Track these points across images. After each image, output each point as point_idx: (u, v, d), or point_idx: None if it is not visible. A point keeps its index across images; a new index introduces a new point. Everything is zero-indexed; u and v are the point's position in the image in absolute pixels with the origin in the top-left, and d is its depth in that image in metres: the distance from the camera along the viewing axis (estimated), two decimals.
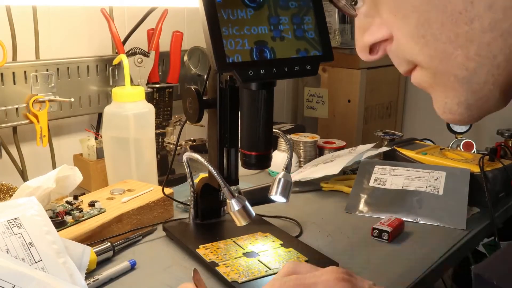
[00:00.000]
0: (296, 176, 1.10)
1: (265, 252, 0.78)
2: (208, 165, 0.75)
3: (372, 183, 1.03)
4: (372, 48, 0.47)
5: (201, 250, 0.78)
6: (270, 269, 0.73)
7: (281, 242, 0.81)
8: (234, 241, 0.81)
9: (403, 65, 0.46)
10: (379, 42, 0.46)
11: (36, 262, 0.64)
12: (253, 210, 0.75)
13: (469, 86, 0.41)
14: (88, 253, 0.72)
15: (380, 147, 1.22)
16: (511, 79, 0.40)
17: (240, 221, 0.74)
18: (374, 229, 0.88)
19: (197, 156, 0.77)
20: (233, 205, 0.73)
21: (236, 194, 0.74)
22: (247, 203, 0.74)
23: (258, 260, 0.76)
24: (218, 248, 0.79)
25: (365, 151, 1.14)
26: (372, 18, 0.45)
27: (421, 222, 0.94)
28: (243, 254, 0.77)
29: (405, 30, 0.42)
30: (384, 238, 0.87)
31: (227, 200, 0.74)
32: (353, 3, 0.45)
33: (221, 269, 0.73)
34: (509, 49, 0.39)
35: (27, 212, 0.69)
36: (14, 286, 0.59)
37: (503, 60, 0.39)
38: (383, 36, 0.45)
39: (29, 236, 0.67)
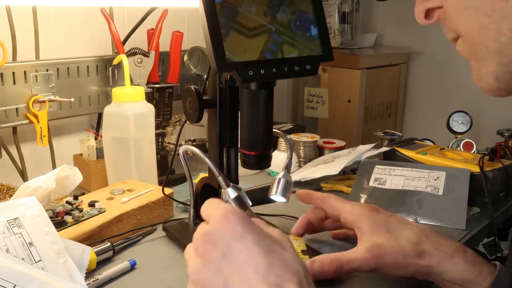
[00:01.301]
0: (295, 176, 1.10)
1: None
2: (203, 156, 0.74)
3: (372, 183, 1.03)
4: (427, 13, 0.51)
5: None
6: None
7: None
8: None
9: (449, 33, 0.50)
10: (433, 8, 0.50)
11: (36, 262, 0.64)
12: (249, 200, 0.75)
13: (498, 59, 0.45)
14: (88, 253, 0.72)
15: (380, 147, 1.22)
16: None
17: None
18: None
19: (192, 148, 0.77)
20: (229, 194, 0.74)
21: (231, 184, 0.74)
22: (243, 192, 0.74)
23: None
24: None
25: (365, 151, 1.14)
26: None
27: (420, 222, 0.94)
28: None
29: (452, 1, 0.47)
30: None
31: (223, 190, 0.74)
32: None
33: None
34: None
35: (27, 212, 0.69)
36: (15, 285, 0.59)
37: None
38: (437, 4, 0.49)
39: (29, 236, 0.67)
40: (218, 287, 0.47)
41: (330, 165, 1.10)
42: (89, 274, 0.72)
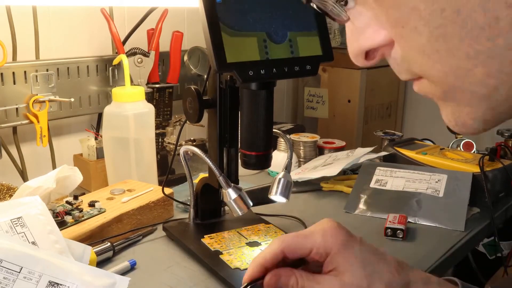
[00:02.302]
0: (293, 176, 1.10)
1: (268, 242, 0.80)
2: (204, 156, 0.75)
3: (372, 184, 1.03)
4: (368, 53, 0.42)
5: (206, 240, 0.81)
6: None
7: (283, 233, 0.82)
8: (237, 231, 0.83)
9: (405, 74, 0.42)
10: (377, 47, 0.41)
11: None
12: (250, 200, 0.76)
13: (488, 104, 0.39)
14: (88, 253, 0.72)
15: (379, 149, 1.21)
16: None
17: (237, 211, 0.75)
18: (387, 228, 0.88)
19: (193, 148, 0.77)
20: (230, 194, 0.74)
21: (232, 184, 0.74)
22: (243, 192, 0.74)
23: (260, 250, 0.77)
24: (222, 238, 0.81)
25: (363, 154, 1.14)
26: (366, 18, 0.40)
27: (420, 223, 0.94)
28: (246, 243, 0.80)
29: (415, 44, 0.38)
30: (399, 236, 0.87)
31: (224, 190, 0.74)
32: (343, 2, 0.40)
33: (224, 257, 0.75)
34: None
35: (31, 211, 0.69)
36: (22, 267, 0.60)
37: None
38: (383, 41, 0.40)
39: (32, 235, 0.67)
40: None
41: (329, 167, 1.10)
42: None
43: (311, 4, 0.41)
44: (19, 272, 0.60)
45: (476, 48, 0.36)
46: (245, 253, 0.77)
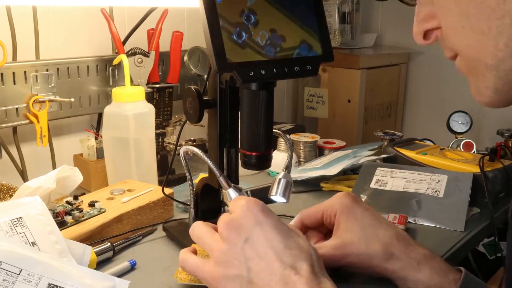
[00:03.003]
0: (292, 173, 1.09)
1: None
2: (204, 156, 0.75)
3: (373, 185, 1.03)
4: (426, 34, 0.53)
5: (198, 246, 0.79)
6: None
7: None
8: None
9: (447, 52, 0.52)
10: (431, 29, 0.52)
11: None
12: None
13: (496, 73, 0.47)
14: (88, 253, 0.72)
15: (380, 154, 1.20)
16: None
17: None
18: None
19: (193, 149, 0.77)
20: (230, 194, 0.73)
21: (232, 184, 0.74)
22: (244, 192, 0.74)
23: None
24: None
25: (363, 156, 1.14)
26: (428, 7, 0.51)
27: (419, 223, 0.94)
28: None
29: (449, 21, 0.49)
30: None
31: (224, 190, 0.74)
32: None
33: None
34: None
35: (31, 212, 0.69)
36: (22, 270, 0.60)
37: None
38: (435, 24, 0.51)
39: (32, 235, 0.67)
40: (241, 266, 0.56)
41: (328, 166, 1.10)
42: None
43: None
44: (19, 274, 0.60)
45: (489, 25, 0.45)
46: None
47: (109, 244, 0.79)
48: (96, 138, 1.16)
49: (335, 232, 0.71)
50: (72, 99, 1.16)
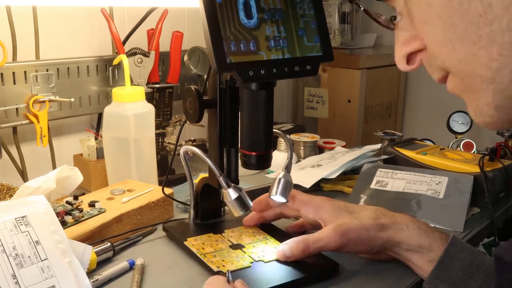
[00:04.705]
0: (293, 172, 1.09)
1: (252, 244, 0.79)
2: (204, 156, 0.74)
3: (373, 185, 1.03)
4: (409, 59, 0.50)
5: (189, 242, 0.80)
6: (254, 260, 0.74)
7: (276, 241, 0.80)
8: (221, 235, 0.83)
9: (436, 72, 0.48)
10: (415, 52, 0.49)
11: (42, 261, 0.65)
12: (250, 201, 0.76)
13: (495, 86, 0.43)
14: (89, 252, 0.72)
15: (380, 154, 1.20)
16: None
17: (237, 211, 0.75)
18: None
19: (193, 149, 0.77)
20: (230, 195, 0.73)
21: (232, 184, 0.74)
22: (243, 192, 0.74)
23: (243, 251, 0.77)
24: (206, 240, 0.81)
25: (364, 157, 1.13)
26: (408, 31, 0.48)
27: None
28: (230, 246, 0.79)
29: (434, 37, 0.45)
30: None
31: (224, 190, 0.74)
32: (393, 18, 0.49)
33: (207, 259, 0.75)
34: None
35: (36, 211, 0.69)
36: None
37: None
38: (418, 46, 0.48)
39: (36, 234, 0.67)
40: None
41: (329, 166, 1.10)
42: (89, 274, 0.72)
43: (364, 11, 0.53)
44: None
45: (478, 34, 0.41)
46: (230, 256, 0.76)
47: (109, 244, 0.79)
48: (96, 138, 1.16)
49: (325, 224, 0.76)
50: (72, 99, 1.16)
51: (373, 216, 0.75)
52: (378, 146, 1.20)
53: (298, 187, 1.02)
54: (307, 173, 1.09)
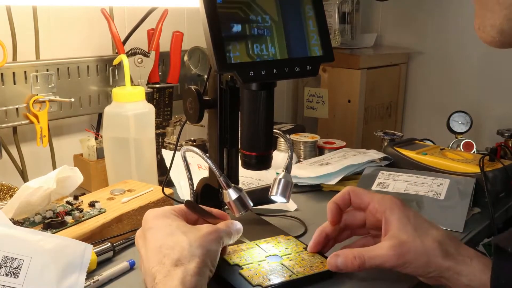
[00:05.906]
0: (294, 171, 1.09)
1: (289, 256, 0.76)
2: (204, 157, 0.74)
3: (374, 187, 1.03)
4: None
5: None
6: (294, 273, 0.71)
7: (305, 246, 0.79)
8: (256, 244, 0.79)
9: None
10: None
11: None
12: (250, 201, 0.75)
13: (507, 12, 0.44)
14: (89, 252, 0.71)
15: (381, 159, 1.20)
16: None
17: (237, 211, 0.74)
18: None
19: (194, 149, 0.77)
20: (230, 195, 0.73)
21: (233, 184, 0.74)
22: (244, 192, 0.74)
23: (281, 264, 0.74)
24: (241, 251, 0.77)
25: (366, 162, 1.13)
26: None
27: None
28: (266, 257, 0.76)
29: None
30: None
31: (224, 191, 0.74)
32: None
33: (245, 273, 0.71)
34: None
35: None
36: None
37: None
38: None
39: None
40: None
41: (330, 168, 1.10)
42: (89, 274, 0.72)
43: None
44: None
45: None
46: (266, 268, 0.73)
47: (109, 244, 0.79)
48: (96, 138, 1.16)
49: (387, 232, 0.70)
50: (72, 99, 1.16)
51: (439, 240, 0.68)
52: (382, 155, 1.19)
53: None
54: (322, 169, 1.10)
